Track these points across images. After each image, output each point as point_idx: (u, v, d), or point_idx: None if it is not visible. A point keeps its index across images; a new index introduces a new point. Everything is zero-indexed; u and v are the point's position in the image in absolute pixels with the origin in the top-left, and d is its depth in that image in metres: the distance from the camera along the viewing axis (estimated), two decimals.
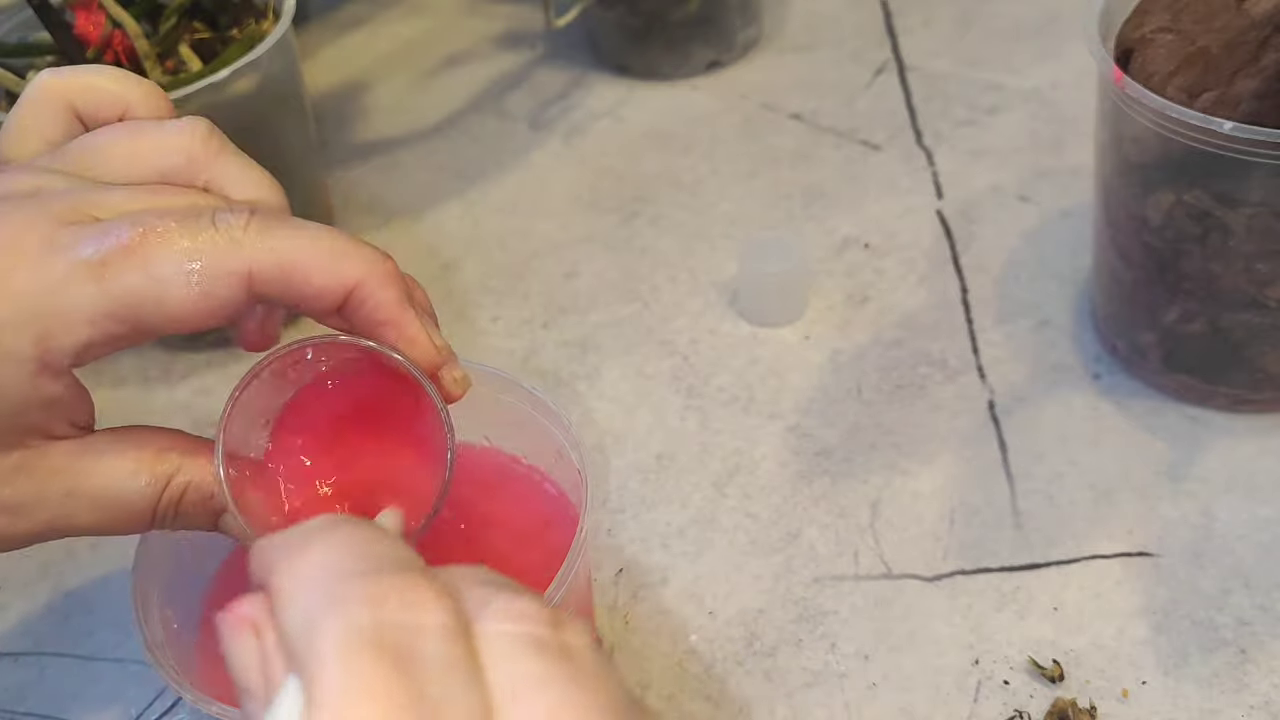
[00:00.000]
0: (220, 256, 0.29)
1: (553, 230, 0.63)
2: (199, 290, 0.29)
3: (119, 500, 0.31)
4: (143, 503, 0.32)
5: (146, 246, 0.28)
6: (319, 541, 0.24)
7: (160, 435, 0.33)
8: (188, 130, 0.33)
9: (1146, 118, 0.44)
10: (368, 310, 0.31)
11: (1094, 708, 0.41)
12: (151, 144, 0.32)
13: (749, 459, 0.51)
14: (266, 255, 0.29)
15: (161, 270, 0.28)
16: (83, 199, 0.30)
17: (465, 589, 0.23)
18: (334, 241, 0.30)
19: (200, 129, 0.33)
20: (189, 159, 0.32)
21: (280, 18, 0.54)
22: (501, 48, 0.77)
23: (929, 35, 0.74)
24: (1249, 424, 0.50)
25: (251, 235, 0.29)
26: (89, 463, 0.31)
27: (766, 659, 0.44)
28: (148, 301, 0.29)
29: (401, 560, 0.23)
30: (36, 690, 0.45)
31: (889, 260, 0.59)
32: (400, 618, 0.22)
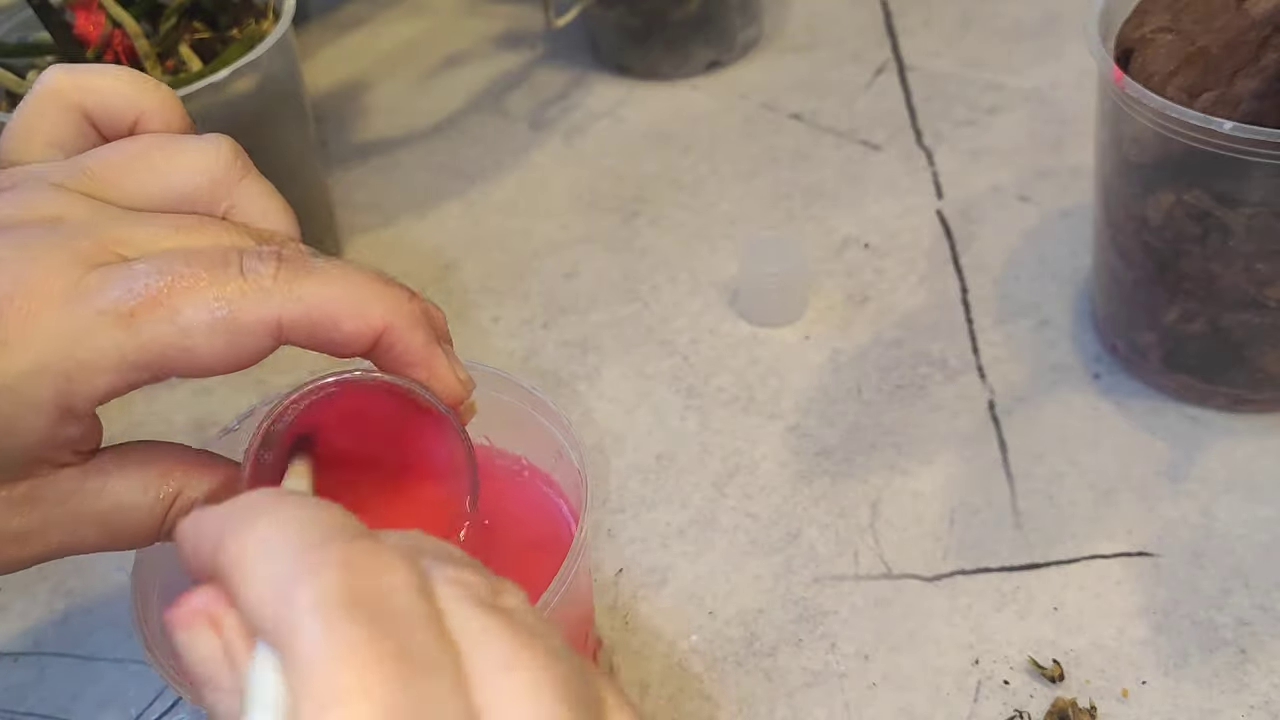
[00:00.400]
0: (249, 307, 0.28)
1: (553, 230, 0.63)
2: (226, 340, 0.29)
3: (126, 521, 0.32)
4: (150, 520, 0.32)
5: (174, 297, 0.28)
6: (267, 515, 0.23)
7: (164, 453, 0.33)
8: (212, 152, 0.32)
9: (1146, 118, 0.44)
10: (397, 354, 0.31)
11: (1094, 708, 0.41)
12: (174, 165, 0.32)
13: (749, 459, 0.51)
14: (295, 305, 0.29)
15: (189, 321, 0.28)
16: (109, 234, 0.29)
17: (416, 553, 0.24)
18: (362, 287, 0.30)
19: (225, 151, 0.32)
20: (212, 183, 0.32)
21: (280, 18, 0.54)
22: (501, 48, 0.77)
23: (929, 35, 0.74)
24: (1249, 424, 0.50)
25: (280, 284, 0.29)
26: (95, 486, 0.31)
27: (766, 659, 0.44)
28: (174, 350, 0.28)
29: (353, 528, 0.24)
30: (36, 690, 0.45)
31: (889, 260, 0.59)
32: (370, 579, 0.22)
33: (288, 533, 0.23)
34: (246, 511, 0.24)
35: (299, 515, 0.23)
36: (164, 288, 0.28)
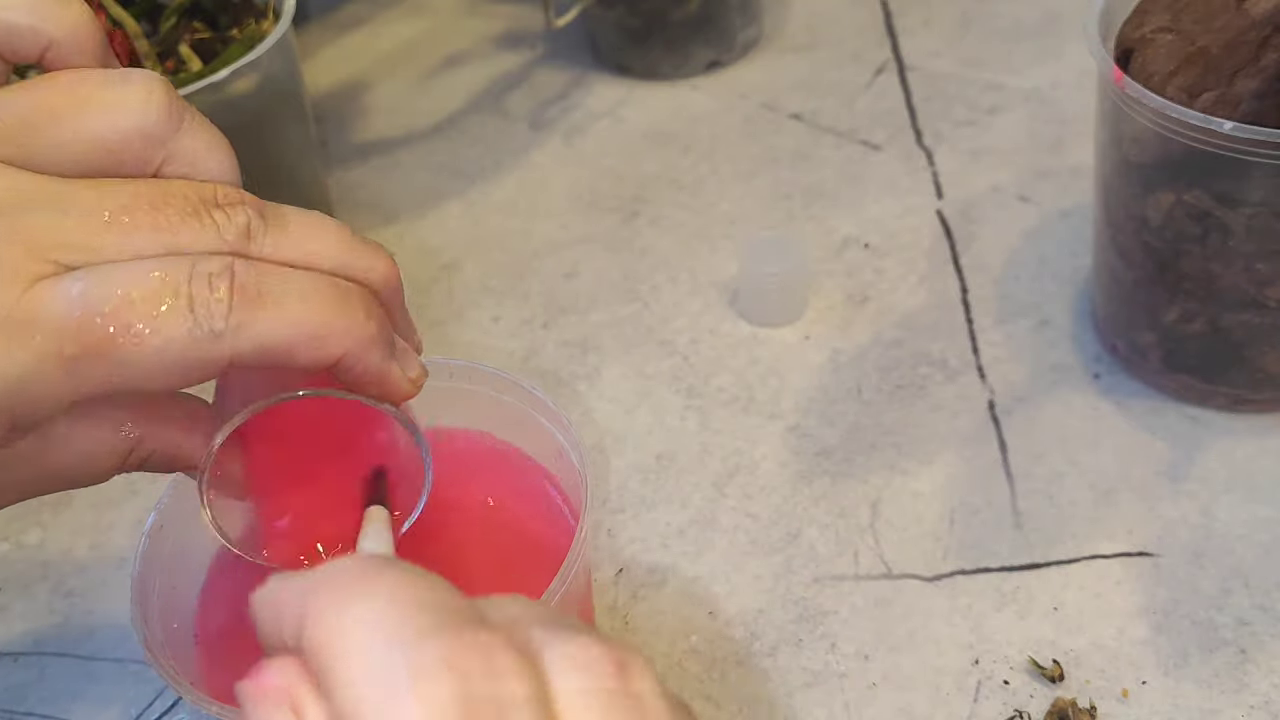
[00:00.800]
0: (200, 351, 0.27)
1: (553, 230, 0.63)
2: (176, 378, 0.27)
3: (85, 470, 0.31)
4: (109, 466, 0.31)
5: (117, 347, 0.26)
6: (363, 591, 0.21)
7: (117, 407, 0.31)
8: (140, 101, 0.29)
9: (1146, 118, 0.44)
10: (354, 375, 0.30)
11: (1094, 708, 0.41)
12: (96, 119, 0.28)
13: (749, 459, 0.51)
14: (247, 345, 0.27)
15: (137, 369, 0.27)
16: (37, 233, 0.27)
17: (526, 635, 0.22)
18: (318, 318, 0.28)
19: (157, 99, 0.29)
20: (144, 138, 0.29)
21: (280, 18, 0.54)
22: (501, 48, 0.77)
23: (929, 35, 0.74)
24: (1249, 424, 0.50)
25: (233, 324, 0.27)
26: (52, 449, 0.30)
27: (766, 659, 0.44)
28: (123, 387, 0.27)
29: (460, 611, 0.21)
30: (36, 690, 0.45)
31: (889, 260, 0.59)
32: (487, 689, 0.20)
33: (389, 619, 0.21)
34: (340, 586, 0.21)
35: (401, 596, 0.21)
36: (107, 337, 0.26)
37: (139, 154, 0.29)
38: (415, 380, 0.32)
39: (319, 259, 0.29)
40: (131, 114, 0.29)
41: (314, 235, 0.30)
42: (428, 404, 0.35)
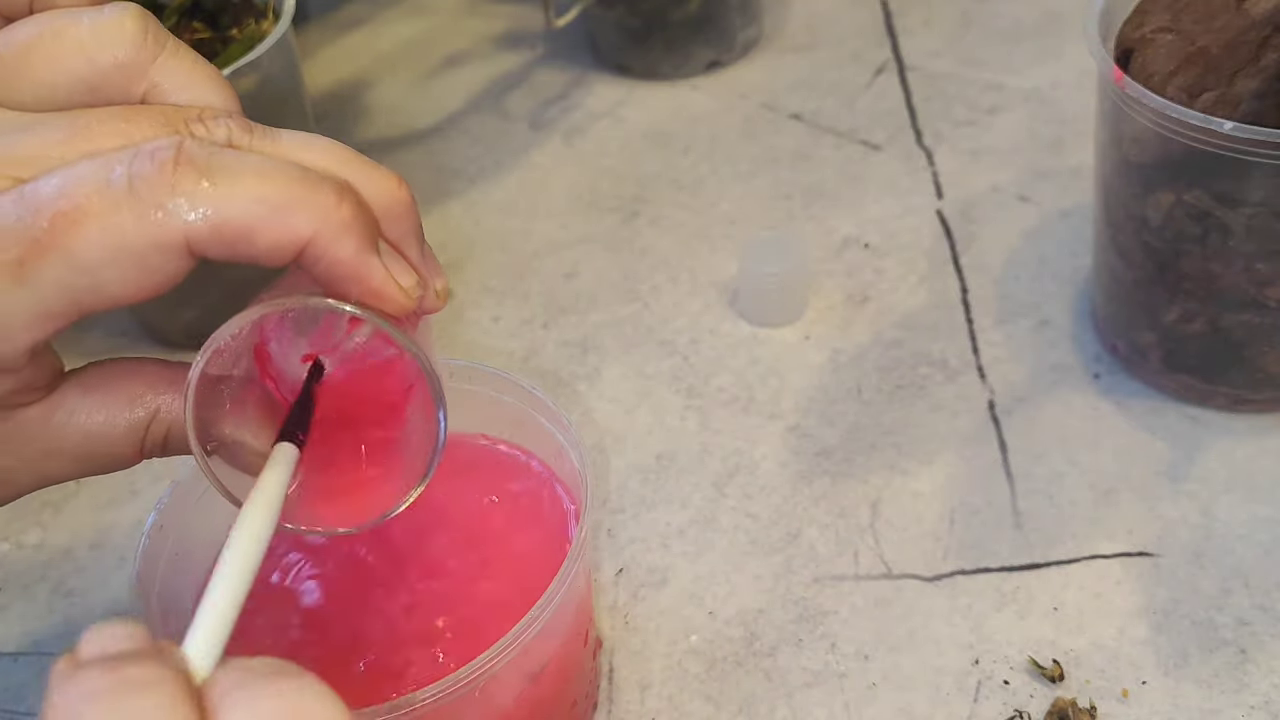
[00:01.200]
0: (147, 230, 0.25)
1: (553, 230, 0.63)
2: (134, 269, 0.25)
3: (100, 451, 0.29)
4: (127, 446, 0.30)
5: (59, 235, 0.24)
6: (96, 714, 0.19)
7: (132, 373, 0.30)
8: (114, 29, 0.28)
9: (1146, 118, 0.44)
10: (324, 267, 0.27)
11: (1094, 708, 0.41)
12: (72, 52, 0.28)
13: (749, 459, 0.51)
14: (200, 221, 0.25)
15: (85, 259, 0.25)
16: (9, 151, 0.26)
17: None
18: (280, 191, 0.25)
19: (130, 27, 0.28)
20: (119, 66, 0.28)
21: (280, 18, 0.54)
22: (501, 48, 0.77)
23: (929, 35, 0.74)
24: (1249, 424, 0.50)
25: (178, 196, 0.25)
26: (61, 421, 0.29)
27: (766, 659, 0.44)
28: (82, 291, 0.25)
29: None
30: (36, 690, 0.45)
31: (889, 260, 0.59)
32: None
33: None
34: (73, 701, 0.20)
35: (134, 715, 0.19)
36: (47, 229, 0.24)
37: (119, 86, 0.28)
38: (408, 289, 0.28)
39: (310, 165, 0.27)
40: (106, 46, 0.28)
41: (308, 147, 0.28)
42: None
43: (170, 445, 0.30)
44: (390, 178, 0.29)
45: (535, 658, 0.36)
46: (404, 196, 0.29)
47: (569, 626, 0.38)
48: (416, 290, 0.29)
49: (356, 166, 0.28)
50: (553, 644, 0.37)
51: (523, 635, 0.34)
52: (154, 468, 0.52)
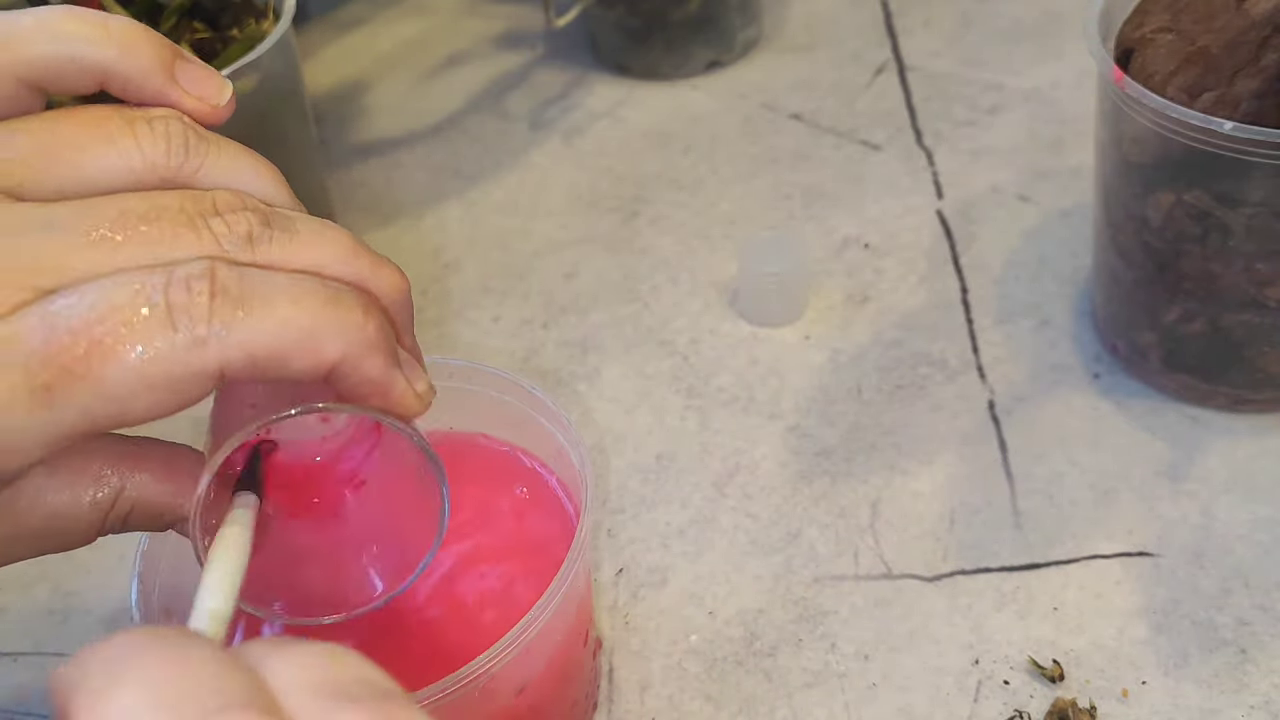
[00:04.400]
0: (184, 363, 0.25)
1: (553, 230, 0.63)
2: (163, 399, 0.25)
3: (63, 529, 0.29)
4: (88, 526, 0.29)
5: (93, 364, 0.24)
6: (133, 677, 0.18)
7: (98, 453, 0.29)
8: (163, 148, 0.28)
9: (1146, 118, 0.44)
10: (352, 383, 0.27)
11: (1094, 708, 0.41)
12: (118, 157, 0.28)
13: (749, 459, 0.51)
14: (235, 351, 0.25)
15: (117, 390, 0.24)
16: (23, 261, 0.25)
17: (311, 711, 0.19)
18: (309, 318, 0.26)
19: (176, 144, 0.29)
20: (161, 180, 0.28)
21: (280, 18, 0.54)
22: (501, 48, 0.77)
23: (929, 35, 0.74)
24: (1249, 424, 0.50)
25: (216, 328, 0.25)
26: (26, 504, 0.28)
27: (766, 659, 0.44)
28: (105, 418, 0.25)
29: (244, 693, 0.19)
30: (36, 690, 0.45)
31: (889, 260, 0.59)
32: None
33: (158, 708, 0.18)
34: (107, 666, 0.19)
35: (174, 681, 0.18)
36: (82, 351, 0.24)
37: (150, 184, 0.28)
38: (423, 395, 0.29)
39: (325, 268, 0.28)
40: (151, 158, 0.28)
41: (322, 243, 0.28)
42: None
43: (132, 523, 0.30)
44: (395, 271, 0.30)
45: (535, 658, 0.36)
46: (406, 287, 0.30)
47: (569, 626, 0.38)
48: (430, 395, 0.30)
49: (366, 261, 0.29)
50: (553, 644, 0.37)
51: (523, 635, 0.34)
52: None
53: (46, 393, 0.24)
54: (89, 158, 0.28)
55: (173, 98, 0.29)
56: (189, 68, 0.30)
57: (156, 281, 0.25)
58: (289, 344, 0.26)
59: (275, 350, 0.26)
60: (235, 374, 0.26)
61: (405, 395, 0.29)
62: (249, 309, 0.25)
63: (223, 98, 0.30)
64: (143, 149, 0.28)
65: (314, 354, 0.26)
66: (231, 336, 0.25)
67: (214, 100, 0.30)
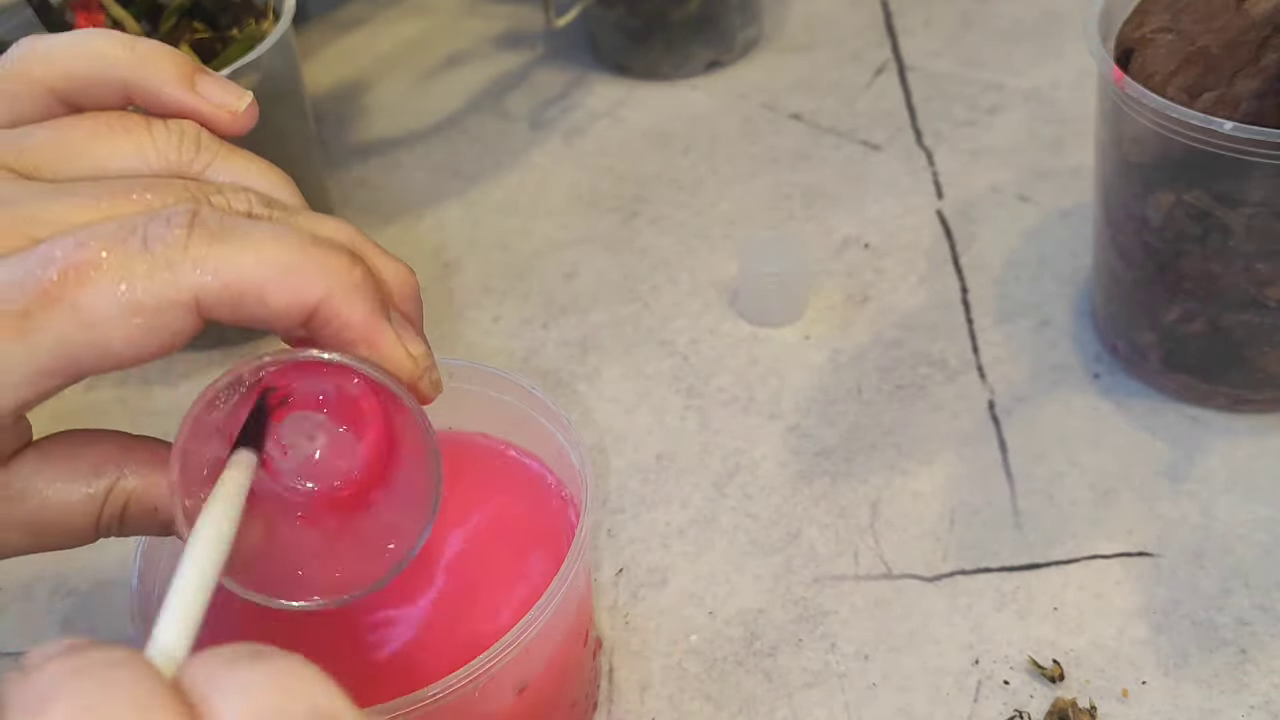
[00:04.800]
0: (157, 287, 0.24)
1: (553, 230, 0.63)
2: (139, 326, 0.25)
3: (55, 523, 0.29)
4: (83, 520, 0.29)
5: (68, 288, 0.24)
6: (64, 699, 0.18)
7: (93, 443, 0.29)
8: (175, 143, 0.29)
9: (1146, 118, 0.44)
10: (334, 329, 0.27)
11: (1094, 708, 0.41)
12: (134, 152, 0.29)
13: (749, 459, 0.51)
14: (211, 280, 0.25)
15: (92, 314, 0.24)
16: (22, 212, 0.26)
17: None
18: (293, 253, 0.26)
19: (188, 141, 0.29)
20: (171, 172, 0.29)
21: (280, 18, 0.54)
22: (501, 48, 0.77)
23: (929, 35, 0.74)
24: (1249, 424, 0.50)
25: (191, 256, 0.25)
26: (19, 488, 0.28)
27: (766, 659, 0.44)
28: (84, 349, 0.25)
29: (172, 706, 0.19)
30: None
31: (889, 260, 0.59)
32: None
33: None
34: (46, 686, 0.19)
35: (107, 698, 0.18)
36: (55, 279, 0.24)
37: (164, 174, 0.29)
38: (418, 357, 0.29)
39: None
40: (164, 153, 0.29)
41: (325, 223, 0.29)
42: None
43: (128, 521, 0.30)
44: (402, 264, 0.30)
45: (535, 658, 0.36)
46: (414, 281, 0.30)
47: (569, 626, 0.38)
48: (426, 360, 0.29)
49: (370, 248, 0.29)
50: (553, 644, 0.37)
51: (523, 635, 0.34)
52: None
53: (23, 320, 0.24)
54: (104, 147, 0.29)
55: (192, 104, 0.30)
56: (208, 80, 0.31)
57: (139, 218, 0.25)
58: (268, 277, 0.25)
59: (253, 281, 0.25)
60: (212, 307, 0.25)
61: (395, 348, 0.28)
62: (226, 241, 0.25)
63: (242, 104, 0.31)
64: (156, 142, 0.29)
65: (294, 290, 0.26)
66: (208, 264, 0.25)
67: (233, 106, 0.31)
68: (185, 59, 0.31)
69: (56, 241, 0.25)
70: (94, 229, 0.25)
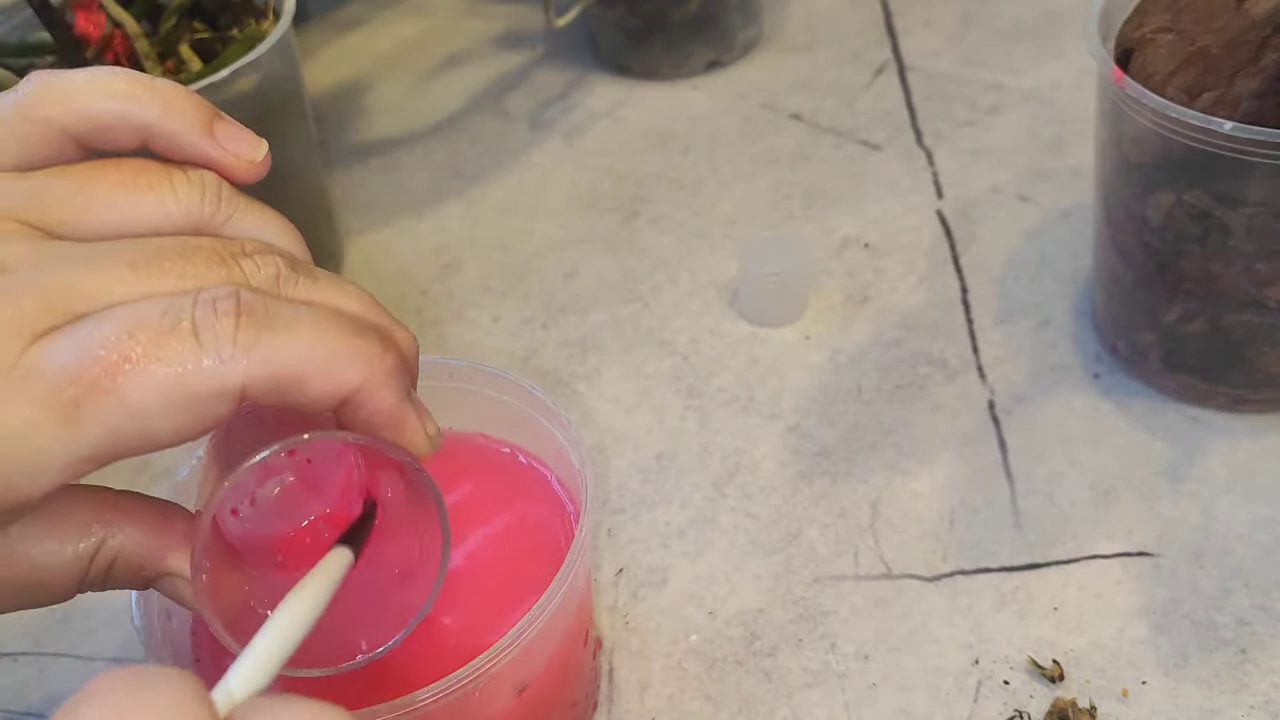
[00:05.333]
0: (207, 380, 0.25)
1: (553, 230, 0.63)
2: (187, 416, 0.25)
3: (42, 581, 0.29)
4: (69, 579, 0.29)
5: (120, 379, 0.25)
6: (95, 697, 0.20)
7: (80, 502, 0.29)
8: (197, 197, 0.29)
9: (1146, 118, 0.44)
10: (365, 414, 0.28)
11: (1094, 708, 0.41)
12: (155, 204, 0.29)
13: (749, 459, 0.51)
14: (259, 370, 0.26)
15: (143, 406, 0.25)
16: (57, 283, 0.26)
17: None
18: (332, 344, 0.27)
19: (210, 195, 0.30)
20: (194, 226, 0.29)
21: (280, 18, 0.54)
22: (501, 48, 0.77)
23: (929, 35, 0.74)
24: (1249, 424, 0.50)
25: (240, 346, 0.25)
26: (4, 554, 0.28)
27: (766, 659, 0.44)
28: (131, 437, 0.25)
29: None
30: (36, 690, 0.45)
31: (889, 260, 0.59)
32: None
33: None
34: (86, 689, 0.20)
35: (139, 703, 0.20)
36: (109, 367, 0.24)
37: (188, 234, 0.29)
38: (433, 438, 0.30)
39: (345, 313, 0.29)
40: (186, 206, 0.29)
41: (343, 293, 0.29)
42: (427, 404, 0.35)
43: (113, 578, 0.30)
44: (408, 331, 0.30)
45: (535, 658, 0.36)
46: (417, 348, 0.31)
47: (569, 626, 0.38)
48: (440, 440, 0.30)
49: (383, 313, 0.30)
50: (553, 644, 0.37)
51: (523, 635, 0.34)
52: (155, 467, 0.52)
53: (74, 409, 0.24)
54: (127, 203, 0.28)
55: (211, 154, 0.30)
56: (227, 127, 0.31)
57: (185, 302, 0.26)
58: (311, 366, 0.26)
59: (297, 372, 0.26)
60: (256, 394, 0.26)
61: (417, 432, 0.29)
62: (273, 330, 0.26)
63: (258, 155, 0.31)
64: (179, 196, 0.29)
65: (333, 378, 0.27)
66: (256, 355, 0.26)
67: (250, 157, 0.31)
68: (204, 103, 0.31)
69: (103, 324, 0.25)
70: (139, 314, 0.25)
